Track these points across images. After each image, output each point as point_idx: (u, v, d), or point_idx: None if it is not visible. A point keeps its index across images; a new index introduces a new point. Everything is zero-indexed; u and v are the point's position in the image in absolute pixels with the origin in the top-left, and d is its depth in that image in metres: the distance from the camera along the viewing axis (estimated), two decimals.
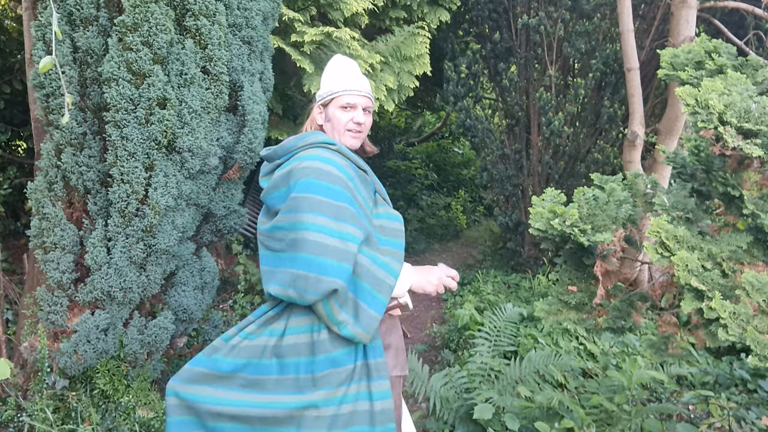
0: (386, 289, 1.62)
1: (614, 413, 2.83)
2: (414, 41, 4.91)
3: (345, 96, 1.81)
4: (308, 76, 4.29)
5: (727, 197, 1.97)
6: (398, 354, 1.78)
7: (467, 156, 11.52)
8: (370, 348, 1.66)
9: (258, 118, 2.98)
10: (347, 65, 1.89)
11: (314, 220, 1.56)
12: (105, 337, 2.66)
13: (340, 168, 1.68)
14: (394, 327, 1.82)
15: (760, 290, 1.68)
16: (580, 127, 6.04)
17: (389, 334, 1.78)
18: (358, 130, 1.82)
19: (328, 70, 1.90)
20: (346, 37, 4.12)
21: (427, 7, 5.27)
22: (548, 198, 2.24)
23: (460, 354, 4.15)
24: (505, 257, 6.81)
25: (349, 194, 1.65)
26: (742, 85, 1.89)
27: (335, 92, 1.82)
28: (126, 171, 2.49)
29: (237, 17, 2.89)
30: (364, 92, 1.83)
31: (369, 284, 1.59)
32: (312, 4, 4.42)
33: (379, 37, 5.04)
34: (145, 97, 2.46)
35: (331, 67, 1.89)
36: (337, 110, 1.81)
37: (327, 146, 1.74)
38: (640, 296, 2.31)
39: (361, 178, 1.78)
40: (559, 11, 5.69)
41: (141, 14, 2.41)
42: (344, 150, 1.77)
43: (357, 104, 1.82)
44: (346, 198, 1.63)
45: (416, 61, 4.93)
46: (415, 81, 4.97)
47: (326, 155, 1.69)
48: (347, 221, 1.60)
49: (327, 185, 1.61)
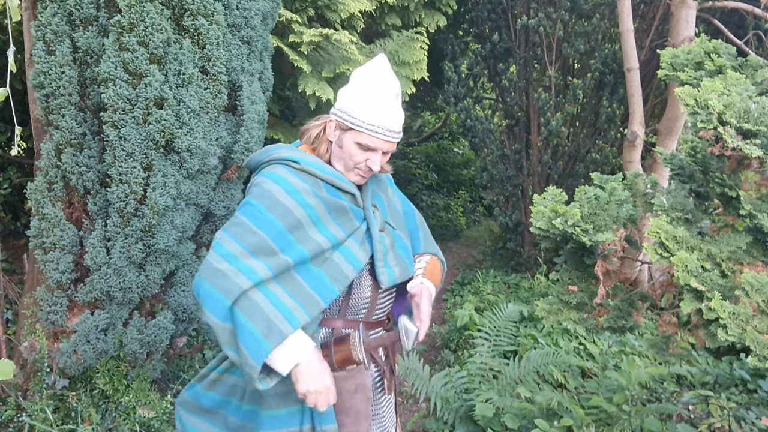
0: (275, 335, 1.31)
1: (614, 413, 2.83)
2: (412, 47, 4.92)
3: (367, 137, 1.48)
4: (305, 77, 4.29)
5: (725, 198, 1.97)
6: (359, 421, 1.53)
7: (467, 156, 11.52)
8: (317, 412, 1.43)
9: (255, 117, 2.98)
10: (387, 89, 1.50)
11: (223, 240, 1.39)
12: (105, 337, 2.66)
13: (292, 192, 1.46)
14: (362, 388, 1.55)
15: (759, 290, 1.68)
16: (580, 127, 6.05)
17: (352, 396, 1.53)
18: (369, 174, 1.55)
19: (361, 83, 1.52)
20: (344, 39, 4.12)
21: (424, 11, 5.29)
22: (549, 197, 2.24)
23: (460, 354, 4.15)
24: (505, 257, 6.81)
25: (283, 223, 1.42)
26: (741, 86, 1.89)
27: (358, 126, 1.48)
28: (124, 171, 2.49)
29: (236, 17, 2.89)
30: (392, 137, 1.49)
31: (256, 327, 1.31)
32: (310, 5, 4.42)
33: (377, 41, 5.07)
34: (142, 97, 2.46)
35: (367, 81, 1.51)
36: (353, 145, 1.50)
37: (288, 164, 1.52)
38: (640, 296, 2.31)
39: (333, 205, 1.51)
40: (558, 12, 5.70)
41: (137, 14, 2.41)
42: (316, 170, 1.52)
43: (379, 149, 1.50)
44: (274, 227, 1.41)
45: (414, 66, 4.94)
46: (412, 87, 4.99)
47: (283, 174, 1.49)
48: (255, 254, 1.37)
49: (260, 209, 1.42)
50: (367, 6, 4.48)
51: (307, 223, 1.46)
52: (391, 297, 1.70)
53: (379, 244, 1.56)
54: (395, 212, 1.74)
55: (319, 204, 1.49)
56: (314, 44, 4.22)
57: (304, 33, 4.08)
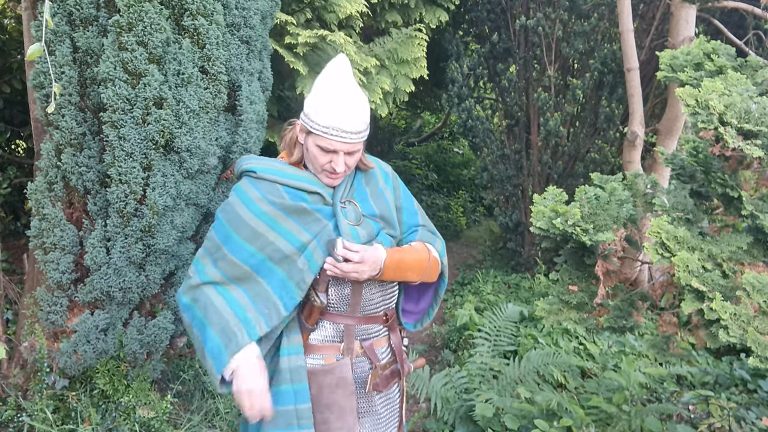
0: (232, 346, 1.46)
1: (614, 414, 2.84)
2: (411, 44, 4.87)
3: (325, 139, 1.50)
4: (302, 78, 4.28)
5: (726, 198, 1.97)
6: (344, 416, 1.55)
7: (467, 156, 11.52)
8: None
9: (254, 117, 2.98)
10: (342, 87, 1.53)
11: (198, 255, 1.61)
12: (105, 337, 2.66)
13: (248, 202, 1.55)
14: (342, 382, 1.56)
15: (760, 291, 1.68)
16: (580, 127, 6.05)
17: (333, 391, 1.55)
18: (336, 175, 1.57)
19: (319, 86, 1.56)
20: (340, 40, 4.11)
21: (425, 7, 5.24)
22: (550, 197, 2.24)
23: (460, 354, 4.15)
24: (505, 257, 6.81)
25: (240, 236, 1.53)
26: (742, 86, 1.89)
27: (315, 129, 1.51)
28: (124, 171, 2.49)
29: (235, 17, 2.89)
30: (350, 138, 1.50)
31: (213, 329, 1.49)
32: (307, 6, 4.41)
33: (376, 39, 5.02)
34: (142, 97, 2.46)
35: (323, 84, 1.55)
36: (315, 147, 1.53)
37: (249, 174, 1.61)
38: (640, 296, 2.31)
39: (291, 208, 1.55)
40: (557, 12, 5.70)
41: (135, 14, 2.41)
42: (274, 176, 1.57)
43: (339, 150, 1.52)
44: (232, 241, 1.54)
45: (413, 64, 4.89)
46: (411, 85, 4.95)
47: (243, 187, 1.59)
48: (213, 257, 1.56)
49: (222, 223, 1.58)
50: (363, 7, 4.47)
51: (265, 230, 1.54)
52: (386, 293, 1.69)
53: (351, 237, 1.56)
54: (384, 204, 1.70)
55: (274, 209, 1.54)
56: (310, 45, 4.21)
57: (300, 34, 4.07)
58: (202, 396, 3.25)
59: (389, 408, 1.73)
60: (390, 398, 1.74)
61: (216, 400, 3.20)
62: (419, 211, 1.83)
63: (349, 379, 1.57)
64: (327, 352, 1.61)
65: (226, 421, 3.09)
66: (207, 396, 3.26)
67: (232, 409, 3.16)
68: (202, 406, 3.17)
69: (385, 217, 1.69)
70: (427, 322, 1.87)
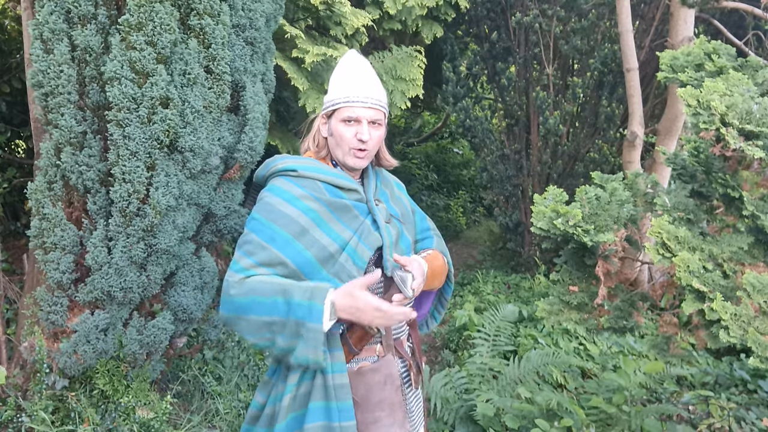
0: (319, 292, 1.43)
1: (614, 414, 2.84)
2: (410, 63, 5.03)
3: (346, 108, 1.55)
4: (304, 92, 4.30)
5: (727, 198, 1.97)
6: (394, 412, 1.55)
7: (467, 156, 11.52)
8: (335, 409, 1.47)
9: (259, 117, 2.98)
10: (356, 67, 1.62)
11: (237, 258, 1.51)
12: (104, 337, 2.65)
13: (292, 200, 1.53)
14: (390, 378, 1.58)
15: (761, 291, 1.68)
16: (579, 126, 6.05)
17: (382, 388, 1.56)
18: (361, 148, 1.57)
19: (335, 73, 1.65)
20: None
21: (422, 21, 5.38)
22: (550, 197, 2.24)
23: (460, 354, 4.15)
24: (505, 257, 6.81)
25: (288, 232, 1.49)
26: (743, 86, 1.89)
27: (336, 103, 1.57)
28: (127, 170, 2.49)
29: (241, 18, 2.89)
30: (371, 103, 1.56)
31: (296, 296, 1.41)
32: (311, 16, 4.42)
33: (375, 54, 5.13)
34: (148, 97, 2.46)
35: (339, 69, 1.64)
36: (339, 124, 1.57)
37: (287, 174, 1.59)
38: (640, 296, 2.31)
39: (335, 204, 1.57)
40: (554, 8, 5.69)
41: (146, 14, 2.41)
42: (315, 173, 1.58)
43: (361, 118, 1.55)
44: (281, 238, 1.49)
45: (410, 83, 5.05)
46: (407, 102, 5.08)
47: (283, 186, 1.56)
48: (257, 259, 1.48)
49: (264, 223, 1.51)
50: (368, 21, 4.53)
51: (311, 227, 1.52)
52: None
53: (386, 234, 1.61)
54: (403, 207, 1.78)
55: (321, 206, 1.55)
56: (316, 63, 4.25)
57: (309, 51, 4.07)
58: (201, 396, 3.25)
59: (418, 404, 1.76)
60: (418, 396, 1.77)
61: (216, 401, 3.20)
62: (426, 215, 1.91)
63: (395, 374, 1.59)
64: (365, 355, 1.60)
65: (226, 422, 3.08)
66: (207, 396, 3.26)
67: (232, 410, 3.16)
68: (201, 406, 3.17)
69: (405, 218, 1.75)
70: (434, 326, 1.89)
